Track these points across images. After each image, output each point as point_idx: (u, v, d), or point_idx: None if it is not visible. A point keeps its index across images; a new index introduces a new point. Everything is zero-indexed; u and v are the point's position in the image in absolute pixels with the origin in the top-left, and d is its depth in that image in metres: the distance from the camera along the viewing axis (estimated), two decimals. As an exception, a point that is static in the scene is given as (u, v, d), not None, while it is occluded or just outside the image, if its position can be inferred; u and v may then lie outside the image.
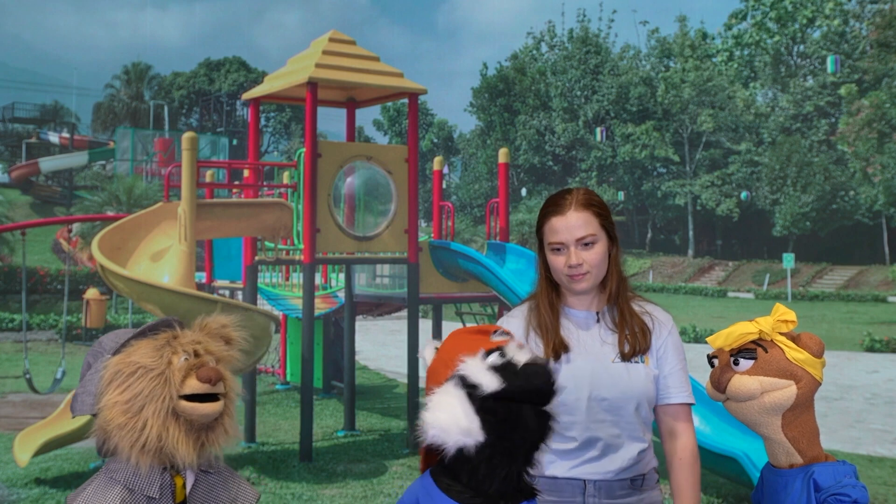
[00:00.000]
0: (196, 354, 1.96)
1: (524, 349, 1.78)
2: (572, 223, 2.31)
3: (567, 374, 2.25)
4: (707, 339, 2.08)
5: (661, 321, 2.40)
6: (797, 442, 1.98)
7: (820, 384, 2.00)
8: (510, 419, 1.68)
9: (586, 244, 2.31)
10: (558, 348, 2.29)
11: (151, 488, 1.91)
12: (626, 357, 2.31)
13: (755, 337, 1.99)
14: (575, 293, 2.36)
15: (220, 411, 1.94)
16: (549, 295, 2.39)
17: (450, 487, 1.77)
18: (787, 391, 1.95)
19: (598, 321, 2.37)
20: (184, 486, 1.98)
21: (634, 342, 2.32)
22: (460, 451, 1.69)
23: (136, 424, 1.86)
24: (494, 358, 1.73)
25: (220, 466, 2.06)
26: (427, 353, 1.89)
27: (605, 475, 2.30)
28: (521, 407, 1.69)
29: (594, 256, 2.31)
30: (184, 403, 1.90)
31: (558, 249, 2.32)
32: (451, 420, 1.67)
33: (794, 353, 1.96)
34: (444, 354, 1.83)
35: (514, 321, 2.41)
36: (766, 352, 1.97)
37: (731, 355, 2.01)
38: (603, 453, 2.29)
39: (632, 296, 2.41)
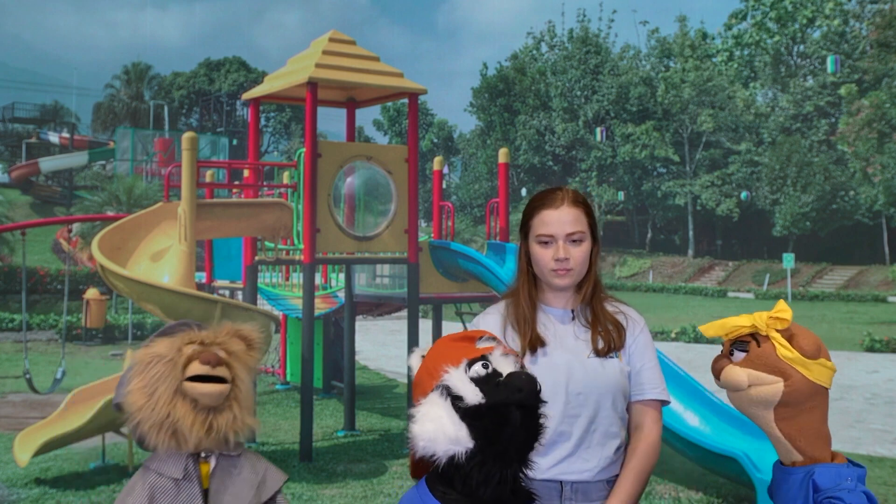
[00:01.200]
0: (203, 344, 2.20)
1: (509, 357, 1.77)
2: (565, 218, 2.34)
3: (544, 367, 2.26)
4: (700, 328, 2.07)
5: (635, 320, 2.44)
6: (795, 440, 1.97)
7: (820, 386, 1.97)
8: (497, 423, 1.67)
9: (575, 240, 2.34)
10: (534, 342, 2.32)
11: (176, 471, 2.16)
12: (600, 353, 2.33)
13: (748, 330, 1.98)
14: (556, 288, 2.38)
15: (222, 393, 2.16)
16: (529, 289, 2.41)
17: (445, 496, 1.76)
18: (773, 387, 1.94)
19: (572, 318, 2.40)
20: (210, 473, 2.20)
21: (609, 339, 2.35)
22: (452, 460, 1.68)
23: (150, 404, 2.12)
24: (477, 369, 1.72)
25: (243, 451, 2.28)
26: (413, 361, 1.89)
27: (581, 475, 2.30)
28: (507, 409, 1.68)
29: (580, 253, 2.34)
30: (187, 384, 2.14)
31: (546, 242, 2.34)
32: (438, 430, 1.68)
33: (784, 351, 1.95)
34: (428, 364, 1.82)
35: (491, 318, 2.43)
36: (759, 346, 1.96)
37: (731, 345, 2.01)
38: (576, 450, 2.30)
39: (605, 296, 2.45)
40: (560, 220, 2.33)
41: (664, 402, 2.42)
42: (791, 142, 42.66)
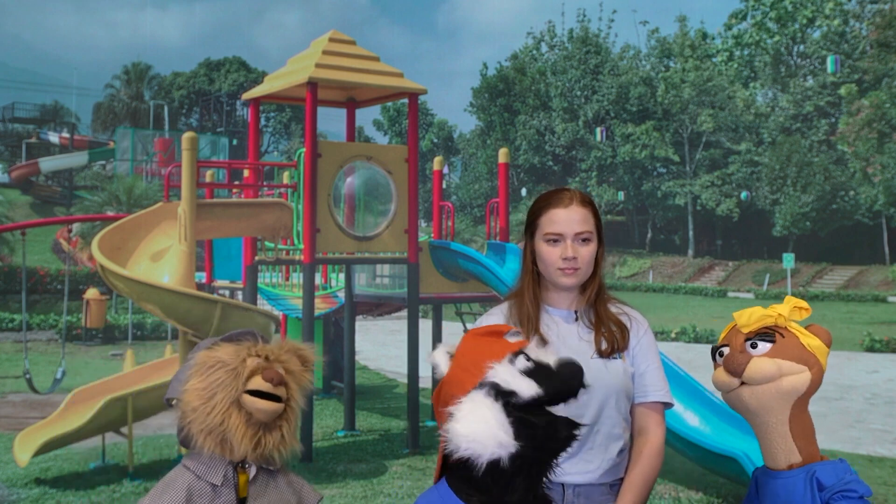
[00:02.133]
0: (267, 359, 2.21)
1: (545, 348, 1.76)
2: (574, 217, 2.34)
3: None
4: (733, 314, 2.08)
5: (639, 321, 2.44)
6: (798, 438, 1.97)
7: (823, 374, 2.01)
8: (547, 429, 1.66)
9: (583, 240, 2.34)
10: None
11: (216, 476, 2.17)
12: (604, 354, 2.33)
13: (773, 321, 2.00)
14: (562, 288, 2.38)
15: (276, 411, 2.18)
16: (534, 288, 2.41)
17: (470, 498, 1.72)
18: (802, 376, 1.95)
19: (576, 319, 2.40)
20: (247, 482, 2.21)
21: (612, 340, 2.35)
22: (495, 463, 1.64)
23: (206, 408, 2.13)
24: (523, 362, 1.71)
25: (283, 469, 2.30)
26: (440, 358, 1.84)
27: (584, 477, 2.29)
28: (556, 418, 1.67)
29: (588, 253, 2.35)
30: (246, 396, 2.15)
31: (555, 241, 2.34)
32: (485, 432, 1.63)
33: (809, 340, 1.98)
34: (463, 360, 1.78)
35: (493, 318, 2.42)
36: (783, 337, 1.98)
37: (747, 339, 2.00)
38: (578, 450, 2.29)
39: (608, 297, 2.45)
40: (569, 219, 2.34)
41: (667, 405, 2.41)
42: (791, 142, 42.65)
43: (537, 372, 1.69)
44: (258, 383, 2.15)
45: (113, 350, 16.22)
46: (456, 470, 1.73)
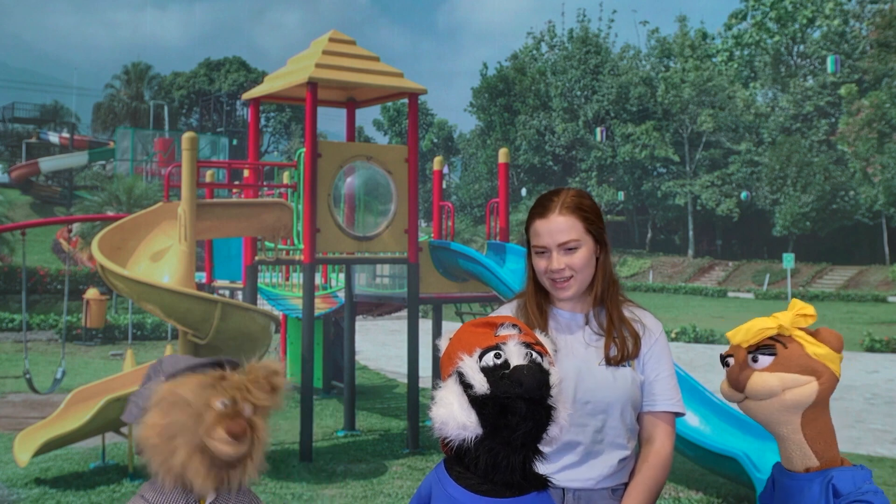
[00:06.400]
0: (234, 402, 2.06)
1: (522, 348, 1.77)
2: (554, 228, 2.26)
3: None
4: (727, 335, 1.99)
5: (650, 328, 2.36)
6: (814, 442, 1.92)
7: (838, 380, 1.94)
8: (500, 412, 1.71)
9: (569, 249, 2.26)
10: None
11: None
12: (612, 361, 2.26)
13: (774, 332, 1.92)
14: (559, 300, 2.33)
15: (243, 453, 2.06)
16: (537, 296, 2.36)
17: (460, 475, 1.82)
18: (808, 387, 1.89)
19: (585, 324, 2.33)
20: None
21: (623, 347, 2.27)
22: (462, 444, 1.75)
23: (166, 448, 2.03)
24: (489, 359, 1.75)
25: (244, 491, 2.18)
26: (442, 343, 1.92)
27: (584, 483, 2.25)
28: (510, 400, 1.71)
29: (577, 261, 2.26)
30: (210, 440, 2.03)
31: (542, 252, 2.29)
32: (448, 415, 1.73)
33: (815, 348, 1.90)
34: (449, 348, 1.86)
35: (504, 313, 2.38)
36: (786, 347, 1.90)
37: (749, 352, 1.93)
38: (582, 459, 2.25)
39: (622, 300, 2.37)
40: (550, 230, 2.26)
41: (678, 414, 2.34)
42: (791, 142, 42.65)
43: (494, 371, 1.73)
44: (221, 436, 2.00)
45: (113, 350, 16.22)
46: (449, 450, 1.83)
